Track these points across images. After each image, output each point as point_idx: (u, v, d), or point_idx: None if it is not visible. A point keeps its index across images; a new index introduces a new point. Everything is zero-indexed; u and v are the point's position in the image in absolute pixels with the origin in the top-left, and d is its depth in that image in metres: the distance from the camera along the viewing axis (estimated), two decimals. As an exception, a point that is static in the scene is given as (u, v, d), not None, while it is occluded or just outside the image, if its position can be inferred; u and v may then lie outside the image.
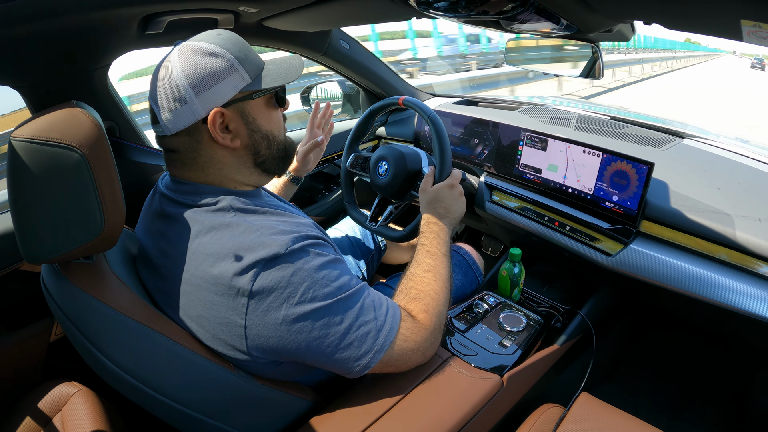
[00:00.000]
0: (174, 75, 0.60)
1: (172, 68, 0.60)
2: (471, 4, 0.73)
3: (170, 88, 0.60)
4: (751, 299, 0.78)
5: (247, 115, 0.65)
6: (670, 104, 9.10)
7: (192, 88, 0.60)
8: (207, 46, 0.61)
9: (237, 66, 0.62)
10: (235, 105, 0.64)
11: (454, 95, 1.70)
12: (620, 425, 0.75)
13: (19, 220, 0.55)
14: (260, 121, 0.67)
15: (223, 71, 0.61)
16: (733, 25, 0.52)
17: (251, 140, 0.67)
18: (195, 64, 0.60)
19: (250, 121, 0.66)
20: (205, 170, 0.65)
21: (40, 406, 0.79)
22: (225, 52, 0.61)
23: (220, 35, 0.63)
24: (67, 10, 0.67)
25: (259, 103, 0.67)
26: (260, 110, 0.67)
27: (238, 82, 0.62)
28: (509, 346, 0.90)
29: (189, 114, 0.61)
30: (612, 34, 0.88)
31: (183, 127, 0.62)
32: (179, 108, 0.61)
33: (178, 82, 0.60)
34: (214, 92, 0.61)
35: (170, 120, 0.62)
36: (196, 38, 0.63)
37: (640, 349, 1.41)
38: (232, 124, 0.64)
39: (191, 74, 0.60)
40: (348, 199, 1.17)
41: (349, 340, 0.61)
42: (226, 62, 0.61)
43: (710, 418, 1.21)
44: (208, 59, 0.60)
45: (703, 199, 0.88)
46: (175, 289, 0.62)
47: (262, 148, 0.68)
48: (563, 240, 1.04)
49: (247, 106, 0.65)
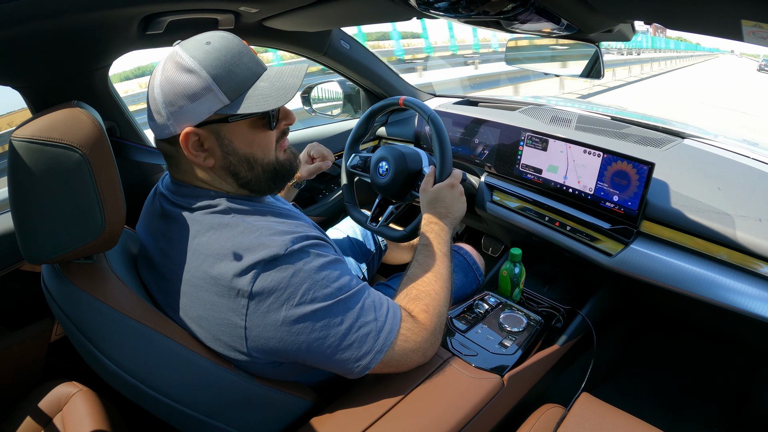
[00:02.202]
0: (154, 86, 0.59)
1: (155, 79, 0.59)
2: (471, 4, 0.73)
3: (151, 99, 0.60)
4: (751, 299, 0.78)
5: (223, 138, 0.62)
6: (672, 104, 9.08)
7: (165, 104, 0.58)
8: (187, 60, 0.57)
9: (213, 86, 0.57)
10: (209, 126, 0.60)
11: (454, 95, 1.70)
12: (621, 425, 0.75)
13: (20, 220, 0.55)
14: (237, 144, 0.63)
15: (197, 91, 0.57)
16: (734, 25, 0.52)
17: (226, 162, 0.63)
18: (171, 79, 0.58)
19: (226, 144, 0.62)
20: (190, 176, 0.65)
21: (41, 406, 0.79)
22: (202, 70, 0.57)
23: (208, 44, 0.59)
24: (67, 10, 0.67)
25: (238, 126, 0.62)
26: (240, 133, 0.62)
27: (213, 104, 0.58)
28: (510, 346, 0.90)
29: (165, 127, 0.60)
30: (612, 34, 0.88)
31: (164, 138, 0.62)
32: (158, 120, 0.60)
33: (155, 95, 0.59)
34: (186, 112, 0.58)
35: (154, 127, 0.62)
36: (186, 45, 0.59)
37: (641, 350, 1.41)
38: (206, 143, 0.61)
39: (166, 90, 0.58)
40: (348, 200, 1.17)
41: (349, 340, 0.61)
42: (201, 81, 0.57)
43: (710, 418, 1.21)
44: (183, 76, 0.57)
45: (704, 199, 0.88)
46: (175, 290, 0.62)
47: (242, 170, 0.64)
48: (564, 240, 1.04)
49: (223, 128, 0.61)
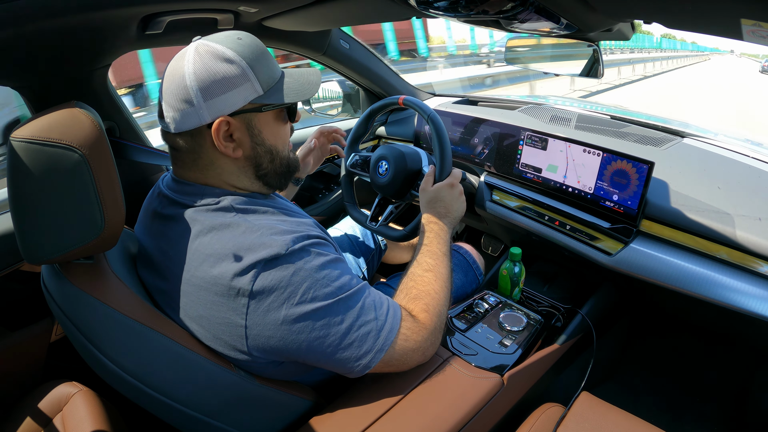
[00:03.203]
0: (185, 75, 0.59)
1: (185, 67, 0.59)
2: (471, 4, 0.73)
3: (180, 88, 0.59)
4: (751, 298, 0.78)
5: (254, 128, 0.64)
6: (674, 105, 9.08)
7: (201, 91, 0.59)
8: (224, 50, 0.59)
9: (251, 76, 0.60)
10: (242, 115, 0.62)
11: (454, 95, 1.70)
12: (621, 424, 0.75)
13: (19, 220, 0.55)
14: (266, 135, 0.66)
15: (235, 79, 0.59)
16: (733, 24, 0.52)
17: (254, 152, 0.66)
18: (208, 67, 0.59)
19: (256, 134, 0.65)
20: (205, 172, 0.65)
21: (41, 407, 0.79)
22: (241, 60, 0.60)
23: (240, 39, 0.62)
24: (67, 10, 0.67)
25: (267, 117, 0.65)
26: (268, 123, 0.66)
27: (249, 93, 0.61)
28: (509, 345, 0.90)
29: (194, 117, 0.60)
30: (612, 34, 0.88)
31: (187, 129, 0.61)
32: (186, 109, 0.60)
33: (189, 83, 0.58)
34: (223, 100, 0.60)
35: (175, 119, 0.61)
36: (216, 38, 0.61)
37: (641, 349, 1.41)
38: (236, 134, 0.63)
39: (203, 77, 0.58)
40: (348, 199, 1.17)
41: (349, 340, 0.61)
42: (239, 70, 0.59)
43: (710, 418, 1.21)
44: (222, 65, 0.59)
45: (704, 199, 0.88)
46: (175, 289, 0.62)
47: (265, 161, 0.67)
48: (563, 239, 1.04)
49: (255, 118, 0.64)
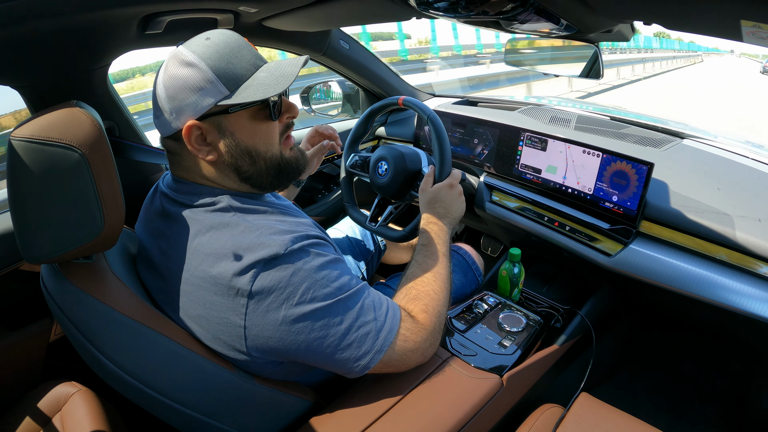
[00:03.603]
0: (158, 84, 0.61)
1: (159, 76, 0.61)
2: (471, 4, 0.73)
3: (157, 97, 0.62)
4: (751, 299, 0.78)
5: (224, 130, 0.62)
6: (670, 111, 9.08)
7: (168, 98, 0.60)
8: (187, 55, 0.59)
9: (213, 78, 0.59)
10: (210, 119, 0.61)
11: (453, 95, 1.70)
12: (620, 425, 0.75)
13: (19, 220, 0.55)
14: (239, 136, 0.63)
15: (198, 84, 0.59)
16: (733, 25, 0.52)
17: (228, 156, 0.64)
18: (172, 74, 0.60)
19: (227, 137, 0.63)
20: (192, 174, 0.66)
21: (40, 406, 0.79)
22: (201, 62, 0.59)
23: (208, 40, 0.61)
24: (67, 10, 0.67)
25: (240, 117, 0.63)
26: (241, 125, 0.63)
27: (213, 96, 0.59)
28: (509, 346, 0.90)
29: (167, 124, 0.62)
30: (612, 35, 0.88)
31: (167, 134, 0.63)
32: (162, 117, 0.62)
33: (159, 92, 0.61)
34: (188, 105, 0.60)
35: (158, 125, 0.63)
36: (188, 43, 0.61)
37: (640, 350, 1.41)
38: (209, 137, 0.62)
39: (168, 85, 0.60)
40: (348, 200, 1.17)
41: (349, 340, 0.61)
42: (201, 74, 0.59)
43: (710, 418, 1.21)
44: (184, 70, 0.59)
45: (703, 200, 0.88)
46: (174, 289, 0.62)
47: (244, 164, 0.65)
48: (563, 240, 1.04)
49: (225, 120, 0.62)
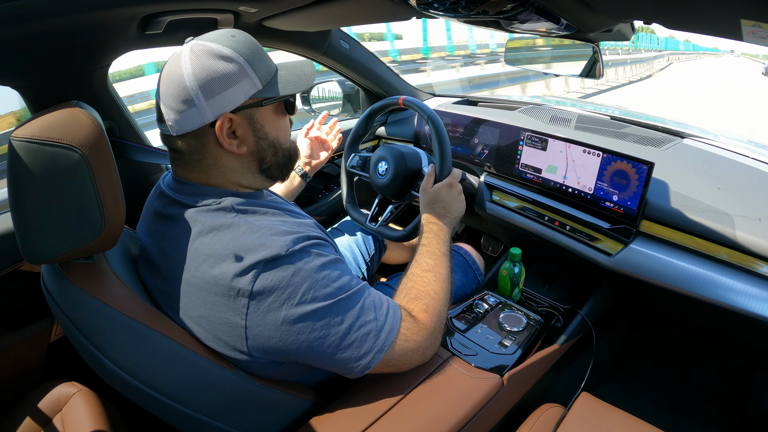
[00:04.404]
0: (184, 76, 0.59)
1: (182, 68, 0.59)
2: (471, 4, 0.73)
3: (179, 89, 0.59)
4: (751, 299, 0.78)
5: (256, 122, 0.65)
6: (675, 105, 9.06)
7: (202, 91, 0.59)
8: (220, 48, 0.60)
9: (249, 71, 0.61)
10: (244, 111, 0.63)
11: (454, 95, 1.70)
12: (620, 425, 0.75)
13: (20, 220, 0.55)
14: (268, 129, 0.66)
15: (234, 76, 0.60)
16: (733, 24, 0.52)
17: (257, 147, 0.66)
18: (207, 66, 0.59)
19: (258, 128, 0.65)
20: (208, 172, 0.65)
21: (40, 407, 0.79)
22: (238, 57, 0.60)
23: (234, 37, 0.62)
24: (67, 10, 0.67)
25: (268, 110, 0.66)
26: (269, 117, 0.66)
27: (249, 89, 0.61)
28: (509, 345, 0.90)
29: (197, 117, 0.60)
30: (612, 34, 0.88)
31: (189, 130, 0.61)
32: (187, 110, 0.59)
33: (188, 83, 0.58)
34: (224, 97, 0.60)
35: (177, 121, 0.60)
36: (209, 38, 0.61)
37: (640, 349, 1.41)
38: (239, 130, 0.63)
39: (202, 77, 0.58)
40: (348, 199, 1.17)
41: (349, 340, 0.61)
42: (238, 67, 0.60)
43: (710, 418, 1.22)
44: (221, 63, 0.59)
45: (703, 199, 0.88)
46: (175, 290, 0.62)
47: (268, 155, 0.68)
48: (563, 240, 1.04)
49: (257, 113, 0.64)
